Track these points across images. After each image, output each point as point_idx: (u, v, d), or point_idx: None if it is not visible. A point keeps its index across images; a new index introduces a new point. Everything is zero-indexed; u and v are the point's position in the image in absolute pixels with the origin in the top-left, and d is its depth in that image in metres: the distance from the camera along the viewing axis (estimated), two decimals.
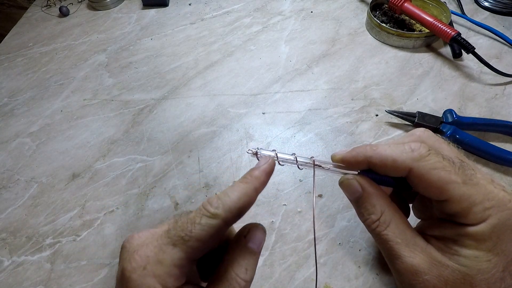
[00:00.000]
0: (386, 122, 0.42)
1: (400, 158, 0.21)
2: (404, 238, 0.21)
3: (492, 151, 0.37)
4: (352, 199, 0.23)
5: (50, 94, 0.51)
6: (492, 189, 0.19)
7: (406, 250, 0.20)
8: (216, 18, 0.62)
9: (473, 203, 0.19)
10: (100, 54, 0.56)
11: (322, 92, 0.47)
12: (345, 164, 0.23)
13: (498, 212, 0.19)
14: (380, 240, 0.21)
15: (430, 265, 0.20)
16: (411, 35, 0.50)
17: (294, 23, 0.58)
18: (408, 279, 0.20)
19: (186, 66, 0.53)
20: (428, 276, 0.19)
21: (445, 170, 0.20)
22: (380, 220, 0.21)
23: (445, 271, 0.19)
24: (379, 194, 0.22)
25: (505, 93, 0.44)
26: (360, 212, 0.23)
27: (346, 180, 0.23)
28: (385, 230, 0.21)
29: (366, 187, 0.22)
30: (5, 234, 0.36)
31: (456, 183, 0.19)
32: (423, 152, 0.20)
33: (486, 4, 0.57)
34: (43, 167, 0.42)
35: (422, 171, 0.20)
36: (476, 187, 0.19)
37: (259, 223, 0.23)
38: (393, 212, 0.21)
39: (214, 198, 0.20)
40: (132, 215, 0.37)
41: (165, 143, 0.43)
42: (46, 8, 0.68)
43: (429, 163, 0.20)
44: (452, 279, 0.19)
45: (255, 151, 0.23)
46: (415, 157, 0.20)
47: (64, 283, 0.32)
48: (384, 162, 0.21)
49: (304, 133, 0.42)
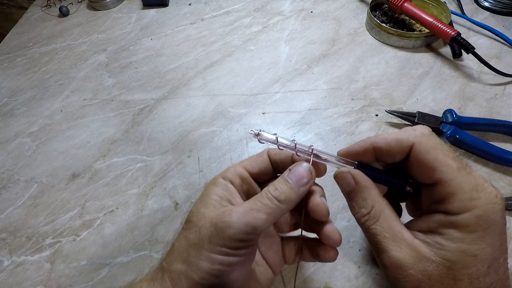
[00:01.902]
0: (386, 122, 0.42)
1: (404, 136, 0.22)
2: (391, 232, 0.21)
3: (492, 151, 0.37)
4: (345, 192, 0.24)
5: (50, 94, 0.51)
6: (482, 183, 0.20)
7: (392, 245, 0.21)
8: (216, 18, 0.62)
9: (461, 190, 0.19)
10: (100, 54, 0.56)
11: (322, 92, 0.47)
12: (352, 155, 0.24)
13: (484, 204, 0.19)
14: (368, 234, 0.22)
15: (415, 259, 0.20)
16: (411, 35, 0.50)
17: (294, 23, 0.58)
18: (393, 273, 0.20)
19: (186, 66, 0.53)
20: (412, 270, 0.20)
21: (443, 153, 0.20)
22: (370, 214, 0.22)
23: (430, 266, 0.20)
24: (371, 189, 0.22)
25: (505, 93, 0.44)
26: (352, 205, 0.23)
27: (340, 173, 0.23)
28: (374, 224, 0.22)
29: (360, 181, 0.22)
30: (5, 234, 0.36)
31: (450, 167, 0.20)
32: (426, 131, 0.22)
33: (486, 4, 0.57)
34: (43, 167, 0.42)
35: (423, 149, 0.21)
36: (468, 176, 0.20)
37: (308, 164, 0.23)
38: (383, 207, 0.22)
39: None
40: (132, 215, 0.37)
41: (165, 143, 0.43)
42: (46, 8, 0.68)
43: (430, 142, 0.21)
44: (437, 274, 0.19)
45: (257, 132, 0.24)
46: (418, 134, 0.21)
47: (64, 283, 0.32)
48: (389, 143, 0.22)
49: (304, 133, 0.42)
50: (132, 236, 0.35)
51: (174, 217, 0.36)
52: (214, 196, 0.23)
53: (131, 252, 0.34)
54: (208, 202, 0.23)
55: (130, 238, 0.35)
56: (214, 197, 0.23)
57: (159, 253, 0.34)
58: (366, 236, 0.23)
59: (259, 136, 0.24)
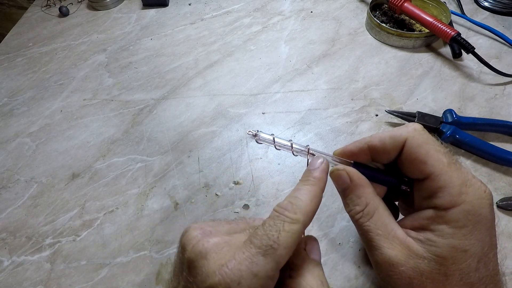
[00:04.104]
0: (386, 122, 0.42)
1: (397, 133, 0.22)
2: (384, 230, 0.21)
3: (492, 151, 0.37)
4: (340, 190, 0.24)
5: (50, 94, 0.51)
6: (471, 178, 0.20)
7: (385, 242, 0.21)
8: (216, 18, 0.62)
9: (451, 184, 0.20)
10: (100, 54, 0.56)
11: (322, 92, 0.47)
12: (348, 154, 0.24)
13: (473, 199, 0.19)
14: (362, 231, 0.22)
15: (407, 257, 0.20)
16: (411, 35, 0.50)
17: (294, 23, 0.58)
18: (385, 270, 0.21)
19: (186, 66, 0.53)
20: (404, 267, 0.20)
21: (435, 148, 0.21)
22: (364, 212, 0.22)
23: (421, 263, 0.20)
24: (366, 187, 0.23)
25: (505, 93, 0.44)
26: (346, 202, 0.23)
27: (336, 171, 0.23)
28: (367, 222, 0.22)
29: (355, 178, 0.23)
30: (5, 234, 0.36)
31: (441, 161, 0.20)
32: (418, 127, 0.22)
33: (486, 4, 0.57)
34: (43, 167, 0.42)
35: (415, 143, 0.21)
36: (457, 171, 0.20)
37: (311, 235, 0.23)
38: (377, 205, 0.22)
39: (288, 204, 0.20)
40: (132, 215, 0.37)
41: (165, 143, 0.43)
42: (46, 8, 0.68)
43: (423, 137, 0.22)
44: (428, 270, 0.20)
45: (254, 132, 0.25)
46: (410, 130, 0.22)
47: (64, 283, 0.32)
48: (383, 140, 0.22)
49: (304, 133, 0.42)
50: (132, 236, 0.35)
51: (174, 217, 0.36)
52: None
53: (131, 252, 0.34)
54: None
55: (130, 238, 0.35)
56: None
57: (159, 253, 0.34)
58: (359, 233, 0.23)
59: (256, 137, 0.25)
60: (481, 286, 0.19)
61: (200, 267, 0.19)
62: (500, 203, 0.34)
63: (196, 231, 0.21)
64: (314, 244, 0.23)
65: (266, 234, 0.19)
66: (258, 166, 0.39)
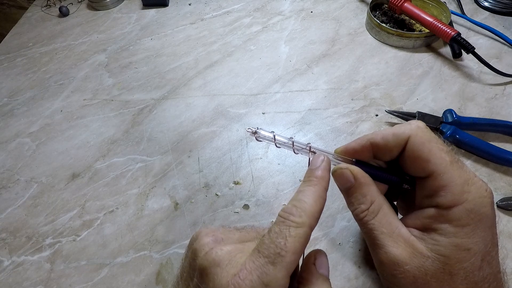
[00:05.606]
0: (386, 122, 0.42)
1: (400, 130, 0.22)
2: (389, 228, 0.21)
3: (492, 151, 0.37)
4: (343, 188, 0.23)
5: (50, 94, 0.51)
6: (473, 177, 0.20)
7: (389, 240, 0.21)
8: (216, 18, 0.62)
9: (453, 183, 0.20)
10: (100, 54, 0.56)
11: (322, 92, 0.47)
12: (350, 152, 0.24)
13: (474, 198, 0.19)
14: (366, 230, 0.22)
15: (411, 256, 0.20)
16: (411, 35, 0.50)
17: (294, 23, 0.58)
18: (390, 269, 0.21)
19: (186, 66, 0.53)
20: (408, 266, 0.20)
21: (438, 147, 0.21)
22: (369, 210, 0.22)
23: (426, 262, 0.20)
24: (370, 185, 0.22)
25: (505, 93, 0.44)
26: (351, 201, 0.23)
27: (339, 170, 0.23)
28: (372, 220, 0.22)
29: (359, 177, 0.22)
30: (5, 234, 0.36)
31: (444, 160, 0.20)
32: (421, 125, 0.22)
33: (486, 4, 0.57)
34: (43, 167, 0.42)
35: (418, 141, 0.21)
36: (460, 170, 0.20)
37: (320, 249, 0.23)
38: (381, 203, 0.22)
39: (292, 208, 0.20)
40: (132, 215, 0.37)
41: (165, 143, 0.43)
42: (46, 8, 0.68)
43: (426, 135, 0.21)
44: (433, 269, 0.19)
45: (254, 130, 0.24)
46: (413, 127, 0.22)
47: (64, 283, 0.32)
48: (386, 138, 0.22)
49: (304, 133, 0.42)
50: (132, 236, 0.35)
51: (174, 217, 0.36)
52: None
53: (131, 252, 0.34)
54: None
55: (130, 238, 0.35)
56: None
57: (159, 253, 0.34)
58: (363, 231, 0.23)
59: (256, 134, 0.24)
60: (485, 284, 0.19)
61: (212, 275, 0.19)
62: (500, 203, 0.34)
63: (208, 238, 0.21)
64: (323, 258, 0.22)
65: (273, 242, 0.18)
66: (258, 166, 0.39)
